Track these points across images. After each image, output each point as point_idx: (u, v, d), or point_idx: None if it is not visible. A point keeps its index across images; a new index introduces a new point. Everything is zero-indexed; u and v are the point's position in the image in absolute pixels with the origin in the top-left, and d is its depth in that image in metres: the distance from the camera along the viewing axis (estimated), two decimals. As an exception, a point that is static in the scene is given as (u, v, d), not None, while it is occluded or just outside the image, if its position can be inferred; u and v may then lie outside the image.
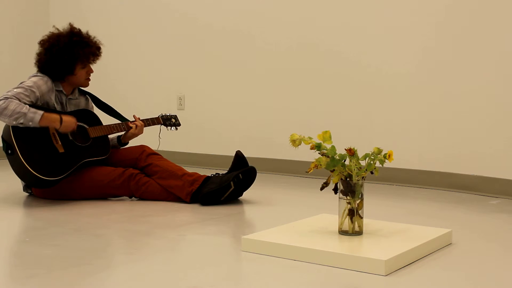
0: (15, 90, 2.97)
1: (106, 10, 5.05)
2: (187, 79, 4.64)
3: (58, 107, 3.13)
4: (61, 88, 3.16)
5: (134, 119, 3.34)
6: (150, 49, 4.81)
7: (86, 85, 3.25)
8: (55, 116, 2.98)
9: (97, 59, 3.24)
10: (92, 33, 3.27)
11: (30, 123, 2.91)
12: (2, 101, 2.89)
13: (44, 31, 3.39)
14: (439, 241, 2.20)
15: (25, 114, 2.89)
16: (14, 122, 2.91)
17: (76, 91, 3.28)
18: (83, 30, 3.23)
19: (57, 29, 3.20)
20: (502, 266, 2.02)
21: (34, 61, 3.18)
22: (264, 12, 4.22)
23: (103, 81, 4.86)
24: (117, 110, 3.41)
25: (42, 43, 3.18)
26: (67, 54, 3.10)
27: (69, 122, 3.03)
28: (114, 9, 5.00)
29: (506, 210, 2.95)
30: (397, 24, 3.70)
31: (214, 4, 4.46)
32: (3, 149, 3.00)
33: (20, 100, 2.93)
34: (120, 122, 3.31)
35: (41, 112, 2.93)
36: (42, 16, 5.29)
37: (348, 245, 2.08)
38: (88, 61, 3.18)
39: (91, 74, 3.23)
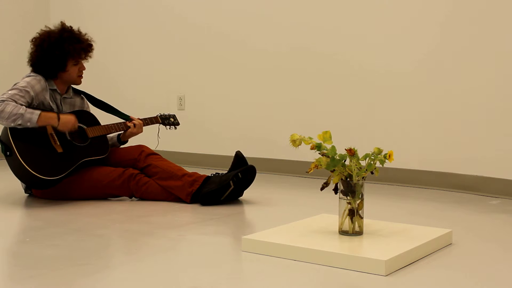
0: (9, 92, 2.96)
1: (106, 10, 5.05)
2: (187, 79, 4.64)
3: (53, 106, 3.12)
4: (55, 87, 3.15)
5: (132, 118, 3.34)
6: (150, 49, 4.81)
7: (79, 82, 3.23)
8: (53, 115, 2.98)
9: (89, 55, 3.22)
10: (92, 33, 3.26)
11: (28, 124, 2.91)
12: None
13: (44, 31, 3.39)
14: (439, 241, 2.20)
15: (22, 115, 2.89)
16: (12, 124, 2.91)
17: (71, 90, 3.27)
18: (84, 30, 3.23)
19: (48, 27, 3.20)
20: (502, 266, 2.01)
21: (27, 60, 3.18)
22: (265, 13, 4.22)
23: (104, 81, 4.87)
24: (115, 107, 3.40)
25: (34, 40, 3.17)
26: (58, 49, 3.09)
27: (68, 119, 3.03)
28: (114, 10, 5.00)
29: (506, 210, 2.95)
30: (398, 25, 3.70)
31: (214, 5, 4.45)
32: (1, 151, 2.99)
33: (16, 102, 2.93)
34: (118, 122, 3.31)
35: (38, 112, 2.93)
36: (43, 16, 5.29)
37: (348, 245, 2.08)
38: (79, 57, 3.17)
39: (83, 71, 3.21)
